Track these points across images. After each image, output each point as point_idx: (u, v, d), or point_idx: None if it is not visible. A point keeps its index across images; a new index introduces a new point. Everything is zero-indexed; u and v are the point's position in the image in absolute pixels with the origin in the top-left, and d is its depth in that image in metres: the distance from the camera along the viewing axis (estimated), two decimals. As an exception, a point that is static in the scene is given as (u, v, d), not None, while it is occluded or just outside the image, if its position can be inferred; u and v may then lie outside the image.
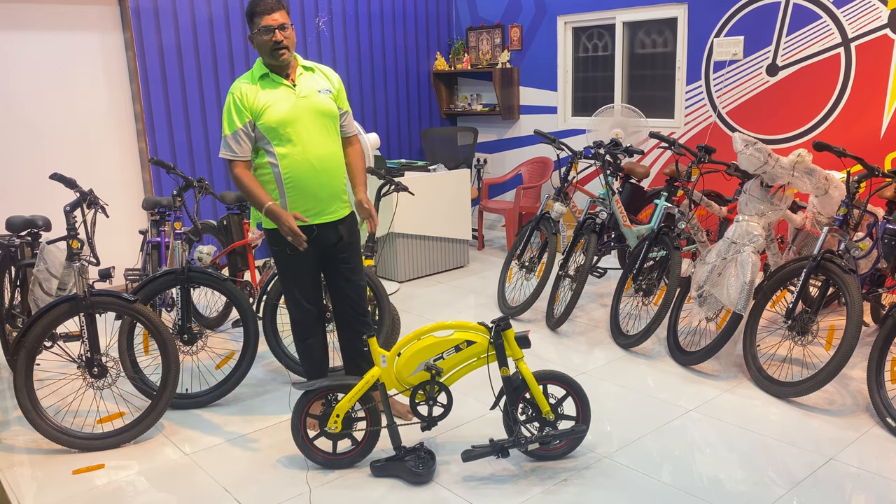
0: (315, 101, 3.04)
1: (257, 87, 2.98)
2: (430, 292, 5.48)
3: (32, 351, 3.11)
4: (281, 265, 3.17)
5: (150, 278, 3.55)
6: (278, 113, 2.96)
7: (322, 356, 3.33)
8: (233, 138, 2.98)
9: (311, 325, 3.25)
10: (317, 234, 3.09)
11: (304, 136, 3.00)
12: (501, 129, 7.31)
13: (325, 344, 3.34)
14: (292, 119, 2.99)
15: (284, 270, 3.18)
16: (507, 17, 7.00)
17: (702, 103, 5.72)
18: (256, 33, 2.94)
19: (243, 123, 2.96)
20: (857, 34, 4.85)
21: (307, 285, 3.18)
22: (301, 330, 3.25)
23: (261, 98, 2.96)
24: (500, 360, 2.88)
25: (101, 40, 5.47)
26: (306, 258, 3.12)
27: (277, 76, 3.01)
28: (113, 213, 5.65)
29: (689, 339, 4.26)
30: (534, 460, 3.02)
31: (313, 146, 3.02)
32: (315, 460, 3.00)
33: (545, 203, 4.83)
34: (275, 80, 3.00)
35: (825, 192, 3.98)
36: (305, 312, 3.22)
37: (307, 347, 3.29)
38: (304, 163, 3.00)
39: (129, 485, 2.94)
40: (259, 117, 2.96)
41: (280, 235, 3.06)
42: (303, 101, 3.02)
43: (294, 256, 3.10)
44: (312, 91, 3.05)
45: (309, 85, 3.06)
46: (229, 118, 2.98)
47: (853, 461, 2.96)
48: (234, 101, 2.97)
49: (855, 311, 3.34)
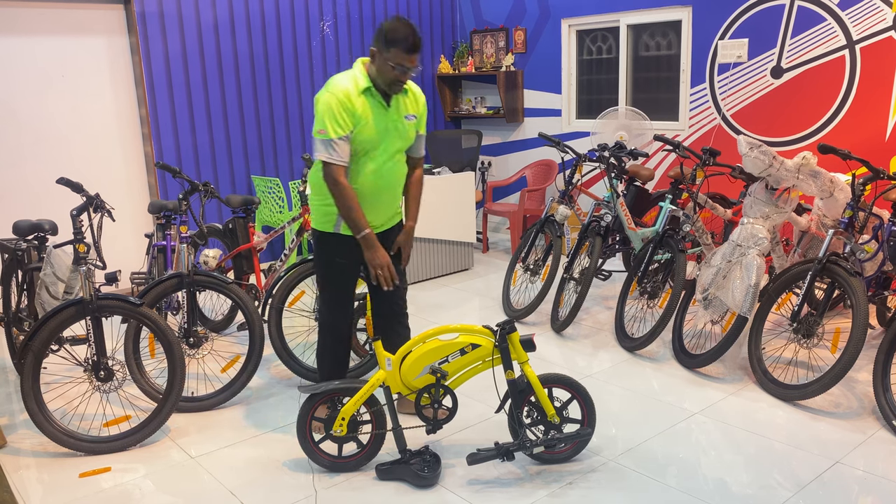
0: (401, 126, 3.07)
1: (361, 99, 2.95)
2: (435, 295, 5.48)
3: (39, 354, 3.13)
4: (325, 271, 3.21)
5: (155, 282, 3.57)
6: (370, 131, 2.97)
7: (344, 360, 3.37)
8: (339, 143, 2.93)
9: (344, 330, 3.30)
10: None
11: (382, 157, 3.04)
12: (506, 132, 7.31)
13: (349, 350, 3.38)
14: (379, 140, 3.01)
15: (328, 277, 3.21)
16: (511, 20, 7.01)
17: (706, 106, 5.72)
18: (387, 60, 2.89)
19: (348, 131, 2.94)
20: (862, 36, 4.84)
21: (348, 292, 3.25)
22: (332, 335, 3.29)
23: (361, 110, 2.95)
24: (505, 364, 2.88)
25: (108, 44, 5.50)
26: (354, 268, 3.20)
27: (377, 93, 2.99)
28: (119, 217, 5.67)
29: (695, 341, 4.26)
30: (539, 463, 3.02)
31: (386, 167, 3.06)
32: (320, 463, 3.00)
33: (550, 206, 4.83)
34: (374, 97, 2.99)
35: (830, 194, 3.98)
36: (342, 318, 3.27)
37: (334, 353, 3.32)
38: (375, 181, 3.05)
39: (135, 488, 2.94)
40: (355, 129, 2.96)
41: (334, 242, 3.13)
42: (392, 123, 3.04)
43: (344, 264, 3.16)
44: (401, 116, 3.07)
45: (400, 108, 3.07)
46: (335, 121, 2.91)
47: (859, 464, 2.95)
48: (342, 105, 2.91)
49: (860, 313, 3.34)
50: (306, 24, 6.41)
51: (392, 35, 2.87)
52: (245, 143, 6.19)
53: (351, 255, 3.15)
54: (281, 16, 6.24)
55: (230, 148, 6.12)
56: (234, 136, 6.12)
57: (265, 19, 6.15)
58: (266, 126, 6.30)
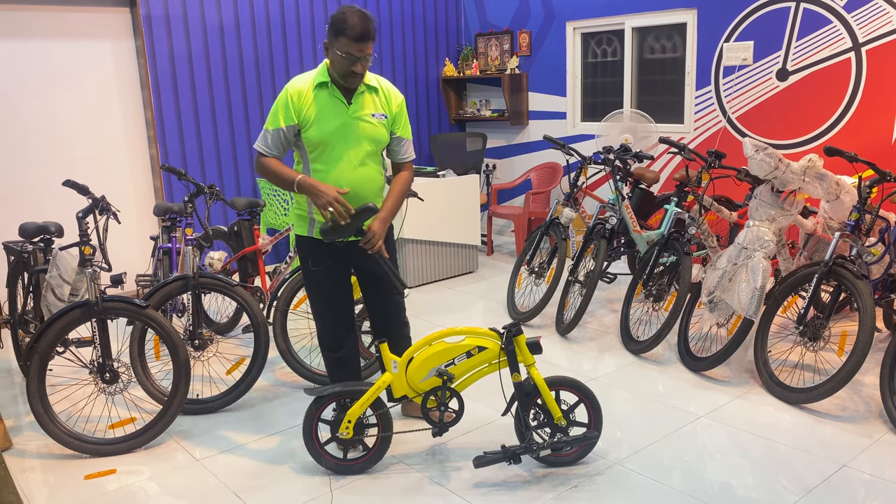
0: (365, 124, 2.94)
1: (312, 94, 2.88)
2: (440, 297, 5.48)
3: (45, 356, 3.13)
4: (307, 280, 3.13)
5: (161, 284, 3.57)
6: (324, 129, 2.88)
7: (354, 367, 3.28)
8: (272, 135, 2.90)
9: (337, 342, 3.19)
10: (346, 248, 3.05)
11: (343, 158, 2.92)
12: (510, 135, 7.31)
13: (356, 354, 3.29)
14: (336, 139, 2.90)
15: (310, 286, 3.14)
16: (515, 23, 7.01)
17: (711, 108, 5.71)
18: (336, 52, 2.80)
19: (287, 125, 2.88)
20: (868, 38, 4.83)
21: (333, 303, 3.13)
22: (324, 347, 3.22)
23: (312, 107, 2.87)
24: (511, 366, 2.87)
25: (113, 47, 5.51)
26: (336, 277, 3.08)
27: (337, 89, 2.90)
28: (124, 220, 5.68)
29: (700, 344, 4.25)
30: (545, 466, 3.01)
31: (350, 169, 2.93)
32: (326, 466, 3.00)
33: (555, 208, 4.83)
34: (332, 93, 2.90)
35: (836, 196, 3.97)
36: (330, 332, 3.17)
37: (334, 365, 3.24)
38: (337, 183, 2.91)
39: (140, 490, 2.95)
40: (305, 127, 2.89)
41: (309, 245, 3.04)
42: (352, 121, 2.92)
43: (319, 271, 3.04)
44: (366, 114, 2.94)
45: (365, 106, 2.95)
46: (275, 114, 2.89)
47: (866, 468, 2.94)
48: (288, 99, 2.87)
49: (867, 316, 3.33)
50: (311, 27, 6.42)
51: (339, 24, 2.75)
52: (250, 146, 6.20)
53: (328, 260, 3.04)
54: (286, 18, 6.25)
55: (235, 151, 6.13)
56: (238, 138, 6.13)
57: (270, 22, 6.17)
58: (271, 129, 6.30)
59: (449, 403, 2.97)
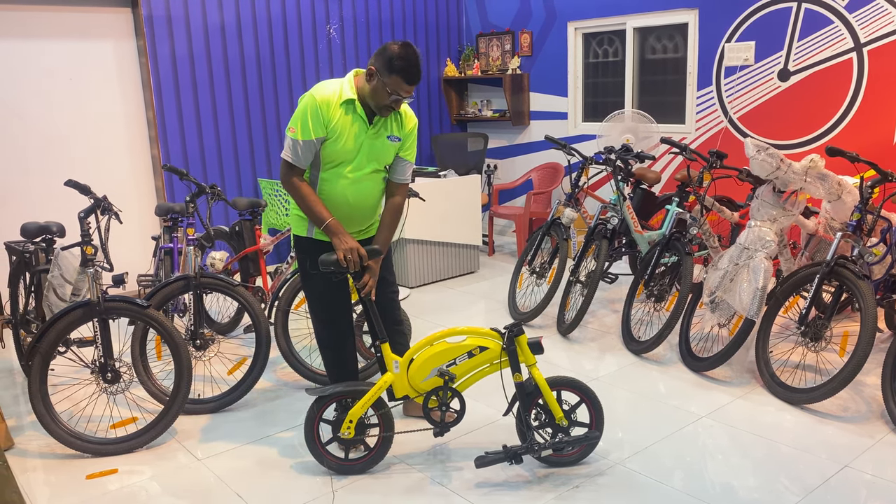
0: (380, 144, 2.98)
1: (340, 110, 2.88)
2: (441, 298, 5.48)
3: (47, 356, 3.13)
4: (305, 280, 3.15)
5: (162, 284, 3.58)
6: (344, 145, 2.91)
7: (353, 367, 3.30)
8: (303, 146, 2.88)
9: (336, 344, 3.22)
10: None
11: (354, 173, 2.96)
12: (512, 135, 7.31)
13: (354, 354, 3.31)
14: (352, 156, 2.94)
15: (308, 286, 3.15)
16: (517, 24, 7.02)
17: (713, 108, 5.71)
18: (385, 85, 2.81)
19: (317, 137, 2.88)
20: (870, 39, 4.83)
21: (331, 304, 3.15)
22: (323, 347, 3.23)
23: (337, 122, 2.88)
24: (512, 366, 2.87)
25: (115, 48, 5.52)
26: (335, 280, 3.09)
27: (361, 108, 2.92)
28: (126, 220, 5.69)
29: (702, 345, 4.25)
30: (547, 467, 3.01)
31: (356, 183, 2.98)
32: (328, 465, 3.00)
33: (556, 209, 4.83)
34: (356, 111, 2.91)
35: (838, 197, 3.96)
36: (329, 333, 3.19)
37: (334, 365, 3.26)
38: (342, 194, 2.97)
39: (141, 490, 2.95)
40: (328, 140, 2.90)
41: (308, 246, 3.06)
42: (370, 141, 2.96)
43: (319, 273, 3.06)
44: (382, 135, 2.98)
45: (382, 127, 2.98)
46: (305, 124, 2.86)
47: (868, 468, 2.94)
48: (318, 109, 2.86)
49: (869, 316, 3.32)
50: (313, 28, 6.42)
51: (397, 63, 2.78)
52: (252, 146, 6.21)
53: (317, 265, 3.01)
54: (287, 19, 6.26)
55: (237, 151, 6.13)
56: (240, 138, 6.13)
57: (272, 22, 6.17)
58: (272, 129, 6.31)
59: (450, 403, 2.97)
